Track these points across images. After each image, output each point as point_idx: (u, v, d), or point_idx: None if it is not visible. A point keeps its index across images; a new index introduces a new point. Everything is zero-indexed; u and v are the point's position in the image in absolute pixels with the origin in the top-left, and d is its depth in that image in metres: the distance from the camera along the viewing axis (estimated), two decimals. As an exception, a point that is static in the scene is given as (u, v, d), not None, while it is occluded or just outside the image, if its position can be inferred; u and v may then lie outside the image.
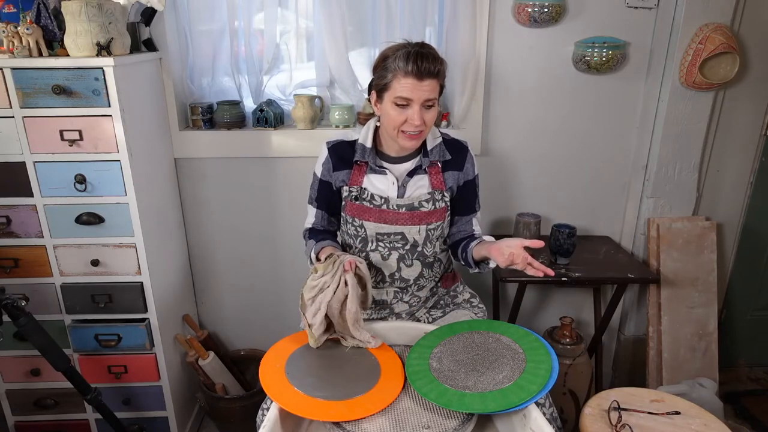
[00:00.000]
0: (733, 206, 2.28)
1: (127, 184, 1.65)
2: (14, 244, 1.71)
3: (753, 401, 2.36)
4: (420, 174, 1.49)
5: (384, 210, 1.47)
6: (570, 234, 1.94)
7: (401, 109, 1.35)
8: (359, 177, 1.49)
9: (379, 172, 1.48)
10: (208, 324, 2.33)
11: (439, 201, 1.49)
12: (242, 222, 2.18)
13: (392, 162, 1.50)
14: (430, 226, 1.49)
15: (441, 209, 1.50)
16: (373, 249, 1.51)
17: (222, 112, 2.03)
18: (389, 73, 1.33)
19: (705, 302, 2.15)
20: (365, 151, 1.47)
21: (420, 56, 1.30)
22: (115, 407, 1.85)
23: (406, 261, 1.51)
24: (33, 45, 1.55)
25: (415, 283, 1.54)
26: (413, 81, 1.31)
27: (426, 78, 1.31)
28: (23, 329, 1.56)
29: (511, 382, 1.16)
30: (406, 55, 1.31)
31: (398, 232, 1.48)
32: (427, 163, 1.49)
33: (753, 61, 2.05)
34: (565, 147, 2.15)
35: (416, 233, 1.49)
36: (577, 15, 1.97)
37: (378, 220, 1.48)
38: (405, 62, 1.30)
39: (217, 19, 1.99)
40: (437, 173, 1.50)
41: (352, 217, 1.50)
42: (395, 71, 1.32)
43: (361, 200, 1.48)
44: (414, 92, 1.32)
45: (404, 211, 1.47)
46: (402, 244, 1.50)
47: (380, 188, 1.48)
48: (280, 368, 1.22)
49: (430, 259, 1.54)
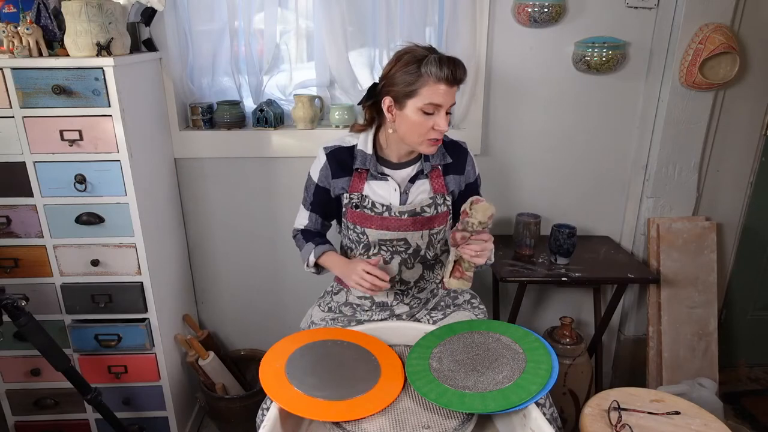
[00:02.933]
0: (733, 206, 2.28)
1: (127, 184, 1.65)
2: (14, 244, 1.71)
3: (753, 401, 2.36)
4: (421, 179, 1.48)
5: (386, 217, 1.45)
6: (570, 234, 1.94)
7: (428, 116, 1.32)
8: (359, 184, 1.46)
9: (381, 178, 1.46)
10: (208, 324, 2.33)
11: (441, 205, 1.48)
12: (242, 222, 2.18)
13: (393, 168, 1.48)
14: (433, 231, 1.48)
15: (443, 213, 1.49)
16: (376, 254, 1.50)
17: (222, 112, 2.03)
18: (419, 79, 1.29)
19: (705, 302, 2.15)
20: (366, 158, 1.44)
21: (451, 61, 1.28)
22: (115, 407, 1.85)
23: (407, 264, 1.51)
24: (33, 45, 1.55)
25: (415, 285, 1.54)
26: (446, 87, 1.29)
27: (455, 84, 1.30)
28: (23, 329, 1.56)
29: (511, 382, 1.16)
30: (438, 61, 1.27)
31: (401, 238, 1.47)
32: (428, 168, 1.47)
33: (753, 61, 2.05)
34: (565, 147, 2.15)
35: (419, 238, 1.48)
36: (577, 15, 1.97)
37: (380, 227, 1.46)
38: (439, 68, 1.27)
39: (217, 19, 1.99)
40: (438, 177, 1.48)
41: (353, 224, 1.48)
42: (427, 77, 1.28)
43: (362, 208, 1.46)
44: (446, 98, 1.30)
45: (407, 218, 1.45)
46: (404, 248, 1.49)
47: (382, 195, 1.46)
48: (280, 368, 1.22)
49: (432, 261, 1.54)
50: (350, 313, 1.58)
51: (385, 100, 1.37)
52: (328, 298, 1.65)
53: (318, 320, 1.59)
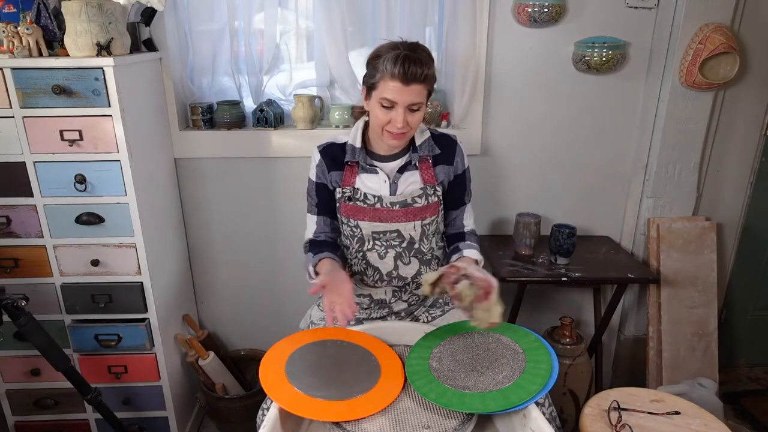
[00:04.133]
0: (733, 206, 2.28)
1: (127, 184, 1.65)
2: (14, 244, 1.71)
3: (753, 401, 2.35)
4: (410, 170, 1.50)
5: (378, 209, 1.48)
6: (570, 234, 1.94)
7: (386, 110, 1.36)
8: (351, 177, 1.50)
9: (370, 171, 1.49)
10: (208, 324, 2.33)
11: (432, 196, 1.50)
12: (242, 222, 2.18)
13: (382, 160, 1.51)
14: (425, 222, 1.50)
15: (434, 204, 1.51)
16: (370, 248, 1.51)
17: (222, 112, 2.03)
18: (378, 73, 1.34)
19: (705, 302, 2.15)
20: (355, 151, 1.48)
21: (408, 60, 1.30)
22: (115, 407, 1.85)
23: (403, 259, 1.52)
24: (33, 45, 1.55)
25: (413, 281, 1.54)
26: (399, 85, 1.31)
27: (412, 83, 1.31)
28: (23, 329, 1.56)
29: (511, 382, 1.16)
30: (395, 58, 1.30)
31: (394, 229, 1.49)
32: (416, 159, 1.49)
33: (753, 61, 2.05)
34: (565, 147, 2.15)
35: (411, 229, 1.50)
36: (577, 15, 1.97)
37: (373, 219, 1.48)
38: (393, 65, 1.30)
39: (217, 19, 1.99)
40: (428, 168, 1.51)
41: (347, 218, 1.51)
42: (383, 72, 1.32)
43: (354, 200, 1.49)
44: (399, 96, 1.32)
45: (398, 209, 1.48)
46: (399, 242, 1.50)
47: (372, 187, 1.49)
48: (280, 368, 1.22)
49: (428, 256, 1.54)
50: (349, 313, 1.58)
51: (363, 89, 1.43)
52: (327, 298, 1.64)
53: (317, 320, 1.58)
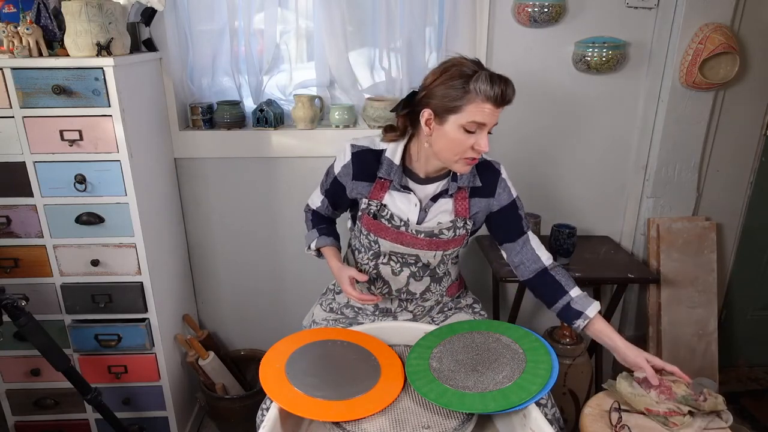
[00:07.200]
0: (733, 206, 2.28)
1: (127, 184, 1.65)
2: (14, 244, 1.71)
3: (753, 401, 2.35)
4: (445, 198, 1.41)
5: (402, 233, 1.40)
6: (570, 234, 1.93)
7: (468, 134, 1.24)
8: (380, 192, 1.40)
9: (403, 191, 1.39)
10: (208, 324, 2.33)
11: (461, 229, 1.42)
12: (242, 222, 2.18)
13: (418, 182, 1.41)
14: (447, 252, 1.44)
15: (461, 236, 1.43)
16: (385, 263, 1.48)
17: (222, 112, 2.02)
18: (465, 95, 1.20)
19: (705, 302, 2.15)
20: (392, 168, 1.38)
21: (503, 81, 1.20)
22: (115, 407, 1.85)
23: (416, 277, 1.49)
24: (33, 45, 1.55)
25: (421, 296, 1.53)
26: (492, 107, 1.21)
27: (502, 105, 1.23)
28: (23, 329, 1.56)
29: (511, 382, 1.16)
30: (490, 78, 1.19)
31: (413, 254, 1.44)
32: (454, 189, 1.39)
33: (753, 61, 2.05)
34: (565, 147, 2.14)
35: (431, 257, 1.45)
36: (577, 15, 1.97)
37: (394, 241, 1.42)
38: (489, 86, 1.19)
39: (217, 19, 1.99)
40: (463, 199, 1.41)
41: (367, 231, 1.44)
42: (476, 94, 1.20)
43: (379, 218, 1.40)
44: (491, 119, 1.23)
45: (423, 237, 1.40)
46: (414, 262, 1.47)
47: (401, 209, 1.40)
48: (280, 368, 1.22)
49: (440, 275, 1.52)
50: (352, 316, 1.58)
51: (424, 112, 1.28)
52: (330, 296, 1.64)
53: (320, 320, 1.59)
